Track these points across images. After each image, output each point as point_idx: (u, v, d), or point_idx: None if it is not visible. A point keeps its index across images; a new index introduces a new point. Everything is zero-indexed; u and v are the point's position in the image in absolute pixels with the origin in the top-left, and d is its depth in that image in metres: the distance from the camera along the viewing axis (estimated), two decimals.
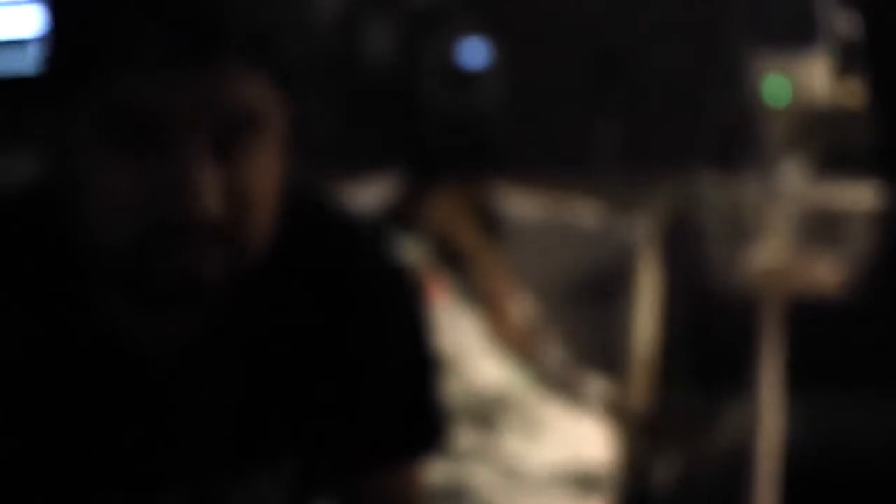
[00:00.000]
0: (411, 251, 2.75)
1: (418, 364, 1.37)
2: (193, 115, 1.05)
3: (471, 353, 2.51)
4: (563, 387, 2.80)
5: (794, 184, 2.70)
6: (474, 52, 3.48)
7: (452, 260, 3.04)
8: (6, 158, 2.55)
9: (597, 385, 2.84)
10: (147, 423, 1.21)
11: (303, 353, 1.26)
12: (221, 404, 1.23)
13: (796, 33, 2.64)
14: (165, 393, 1.21)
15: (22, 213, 1.21)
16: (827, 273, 2.59)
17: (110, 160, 1.07)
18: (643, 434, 2.77)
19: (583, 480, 2.36)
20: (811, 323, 2.86)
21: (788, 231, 2.64)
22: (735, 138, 2.81)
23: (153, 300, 1.12)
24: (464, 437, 2.29)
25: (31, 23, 3.09)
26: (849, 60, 2.65)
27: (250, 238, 1.11)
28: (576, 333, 3.10)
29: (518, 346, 2.86)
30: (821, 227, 2.59)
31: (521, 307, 3.06)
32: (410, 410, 1.37)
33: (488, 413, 2.39)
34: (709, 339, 3.14)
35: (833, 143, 2.81)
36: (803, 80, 2.62)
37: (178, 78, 1.05)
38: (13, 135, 2.81)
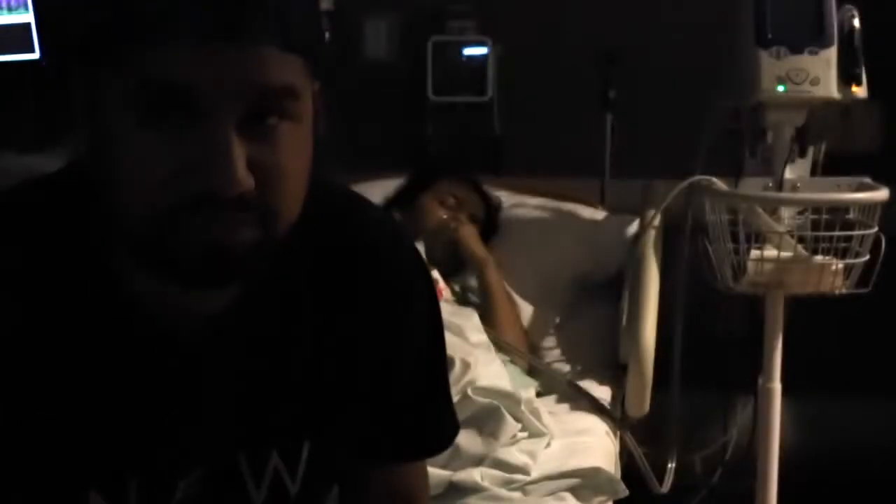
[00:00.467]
0: None
1: (434, 353, 1.37)
2: (227, 91, 1.07)
3: (471, 353, 2.50)
4: (563, 387, 2.80)
5: (794, 184, 2.70)
6: (475, 51, 3.48)
7: (453, 261, 3.04)
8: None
9: (597, 386, 2.84)
10: (168, 403, 1.22)
11: (320, 336, 1.27)
12: (240, 385, 1.24)
13: (798, 33, 2.64)
14: (187, 373, 1.21)
15: (53, 193, 1.22)
16: (828, 273, 2.59)
17: (144, 134, 1.08)
18: (643, 434, 2.77)
19: (583, 481, 2.36)
20: (811, 322, 2.86)
21: (789, 231, 2.64)
22: (736, 138, 2.82)
23: (181, 277, 1.12)
24: (464, 438, 2.29)
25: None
26: (851, 60, 2.65)
27: (280, 215, 1.12)
28: (576, 333, 3.10)
29: (518, 346, 2.85)
30: (820, 227, 2.59)
31: (521, 308, 3.06)
32: (424, 406, 1.38)
33: (488, 414, 2.38)
34: (709, 339, 3.14)
35: (835, 143, 2.81)
36: (804, 79, 2.62)
37: (212, 53, 1.06)
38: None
